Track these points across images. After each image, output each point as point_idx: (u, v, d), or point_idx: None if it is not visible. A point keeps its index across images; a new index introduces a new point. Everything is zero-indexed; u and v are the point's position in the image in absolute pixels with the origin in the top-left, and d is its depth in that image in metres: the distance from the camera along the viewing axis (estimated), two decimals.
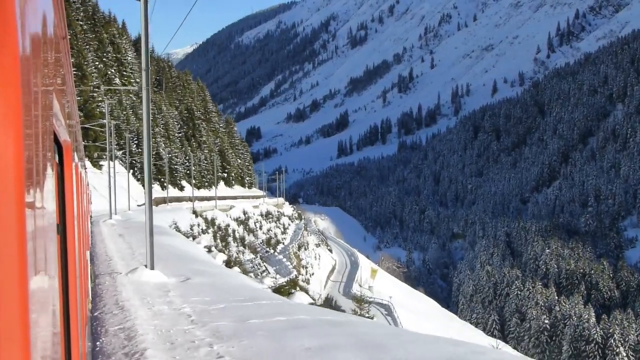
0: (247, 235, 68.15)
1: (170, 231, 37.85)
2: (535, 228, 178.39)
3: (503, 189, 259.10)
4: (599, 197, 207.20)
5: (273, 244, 77.38)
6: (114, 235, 31.30)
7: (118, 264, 20.29)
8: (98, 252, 23.53)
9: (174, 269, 18.85)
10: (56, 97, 2.79)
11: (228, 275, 20.37)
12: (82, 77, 63.18)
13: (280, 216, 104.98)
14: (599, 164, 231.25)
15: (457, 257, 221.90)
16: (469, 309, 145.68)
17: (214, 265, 23.78)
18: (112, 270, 18.60)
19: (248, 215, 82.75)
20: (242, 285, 17.70)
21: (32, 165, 1.57)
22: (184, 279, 16.96)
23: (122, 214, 46.71)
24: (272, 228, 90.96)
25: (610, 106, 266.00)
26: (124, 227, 36.20)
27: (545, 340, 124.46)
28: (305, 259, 79.42)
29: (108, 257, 22.07)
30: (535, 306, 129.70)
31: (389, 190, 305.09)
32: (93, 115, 62.72)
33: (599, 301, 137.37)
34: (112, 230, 34.43)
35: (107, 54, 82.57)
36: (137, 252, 23.25)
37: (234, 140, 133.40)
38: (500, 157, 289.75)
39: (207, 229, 54.62)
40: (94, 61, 72.59)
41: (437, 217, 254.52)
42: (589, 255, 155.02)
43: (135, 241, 26.95)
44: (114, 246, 25.50)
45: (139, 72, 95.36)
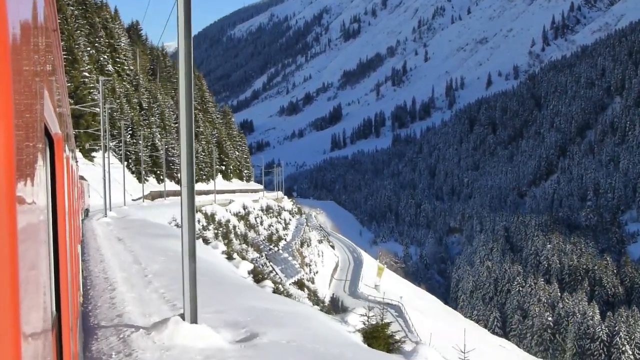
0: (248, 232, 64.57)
1: (178, 232, 31.99)
2: (534, 222, 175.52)
3: (500, 183, 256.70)
4: (598, 191, 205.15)
5: (275, 241, 73.93)
6: (112, 239, 25.99)
7: (126, 299, 12.81)
8: (92, 270, 16.75)
9: (218, 306, 12.02)
10: (47, 89, 2.79)
11: (307, 317, 13.24)
12: (72, 61, 59.22)
13: (280, 211, 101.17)
14: (598, 157, 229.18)
15: (454, 252, 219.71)
16: (470, 306, 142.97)
17: (270, 297, 16.07)
18: (121, 321, 11.00)
19: (248, 210, 79.01)
20: (337, 343, 11.16)
21: (22, 157, 1.57)
22: (245, 334, 10.12)
23: (118, 210, 42.19)
24: (273, 223, 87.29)
25: (608, 99, 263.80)
26: (121, 227, 31.38)
27: (549, 338, 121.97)
28: (309, 257, 76.04)
29: (109, 282, 14.79)
30: (537, 303, 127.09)
31: (384, 183, 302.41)
32: (84, 102, 58.86)
33: (603, 298, 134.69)
34: (109, 232, 29.11)
35: (100, 39, 78.52)
36: (148, 269, 16.51)
37: (231, 131, 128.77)
38: (496, 150, 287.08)
39: (208, 225, 51.05)
40: (86, 46, 68.60)
41: (433, 211, 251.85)
42: (591, 251, 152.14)
43: (140, 249, 21.46)
44: (114, 259, 19.14)
45: (133, 59, 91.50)
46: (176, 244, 18.07)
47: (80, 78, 59.85)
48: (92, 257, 19.68)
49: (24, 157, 1.62)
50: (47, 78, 2.93)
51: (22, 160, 1.57)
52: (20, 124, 1.55)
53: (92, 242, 24.57)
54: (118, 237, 26.35)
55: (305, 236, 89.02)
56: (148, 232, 27.99)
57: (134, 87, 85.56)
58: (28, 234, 1.65)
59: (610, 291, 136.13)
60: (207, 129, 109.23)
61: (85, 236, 26.40)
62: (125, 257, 19.72)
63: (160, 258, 18.42)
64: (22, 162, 1.57)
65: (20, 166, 1.52)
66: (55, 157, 3.64)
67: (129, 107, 74.91)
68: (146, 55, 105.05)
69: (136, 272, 16.45)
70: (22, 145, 1.59)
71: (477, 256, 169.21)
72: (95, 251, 21.35)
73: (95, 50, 72.71)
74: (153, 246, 22.06)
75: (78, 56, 61.42)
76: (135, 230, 29.11)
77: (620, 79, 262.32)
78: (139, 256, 19.50)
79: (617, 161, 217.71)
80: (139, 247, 22.01)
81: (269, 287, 19.26)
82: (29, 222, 1.68)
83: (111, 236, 26.76)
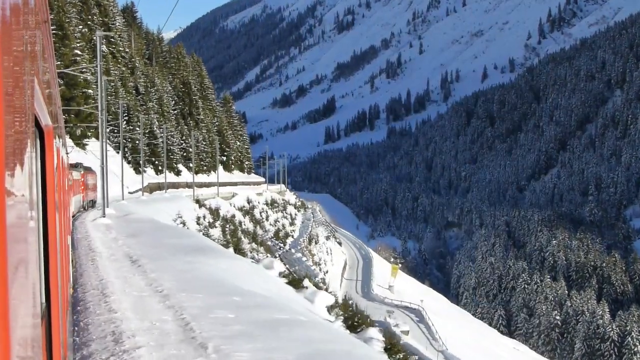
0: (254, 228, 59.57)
1: (206, 241, 24.08)
2: (537, 217, 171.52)
3: (498, 177, 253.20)
4: (600, 186, 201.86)
5: (282, 237, 69.05)
6: (121, 259, 16.29)
7: None
8: None
9: None
10: (37, 80, 2.80)
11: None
12: (63, 37, 53.72)
13: (286, 205, 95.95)
14: (599, 151, 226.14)
15: (453, 247, 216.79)
16: (473, 303, 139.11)
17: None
18: None
19: (253, 204, 74.16)
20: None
21: (12, 149, 1.57)
22: None
23: (116, 206, 36.23)
24: (279, 219, 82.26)
25: (608, 92, 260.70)
26: (128, 234, 22.72)
27: (557, 338, 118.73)
28: (318, 254, 71.20)
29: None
30: (544, 301, 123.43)
31: (379, 177, 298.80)
32: (76, 83, 53.67)
33: (612, 296, 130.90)
34: (112, 243, 19.96)
35: (93, 16, 73.04)
36: (218, 353, 7.54)
37: (232, 120, 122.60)
38: (494, 143, 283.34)
39: (214, 221, 46.16)
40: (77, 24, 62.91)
41: (430, 205, 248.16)
42: (598, 247, 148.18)
43: (171, 280, 12.65)
44: (146, 336, 8.54)
45: (128, 40, 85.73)
46: (225, 264, 12.01)
47: (72, 56, 54.46)
48: (96, 327, 9.36)
49: (14, 148, 1.62)
50: (38, 69, 2.93)
51: (12, 151, 1.57)
52: (10, 116, 1.55)
53: (89, 270, 14.56)
54: (129, 255, 16.90)
55: (312, 232, 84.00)
56: (170, 244, 19.33)
57: (130, 70, 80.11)
58: (17, 225, 1.64)
59: (619, 289, 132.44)
60: (207, 117, 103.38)
61: (77, 252, 17.84)
62: (165, 326, 9.04)
63: (237, 327, 8.87)
64: (12, 154, 1.56)
65: (10, 157, 1.51)
66: (45, 149, 3.63)
67: (124, 90, 69.38)
68: (141, 39, 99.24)
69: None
70: (12, 137, 1.58)
71: (479, 252, 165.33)
72: (99, 301, 11.02)
73: (88, 28, 67.17)
74: (197, 280, 12.86)
75: (69, 31, 55.93)
76: (150, 240, 20.60)
77: (621, 72, 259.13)
78: (177, 303, 10.44)
79: (618, 155, 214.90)
80: (175, 283, 12.27)
81: (376, 341, 13.57)
82: (18, 214, 1.67)
83: (119, 254, 17.40)
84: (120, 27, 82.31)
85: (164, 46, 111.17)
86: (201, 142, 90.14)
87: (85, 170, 35.05)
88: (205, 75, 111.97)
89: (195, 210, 46.25)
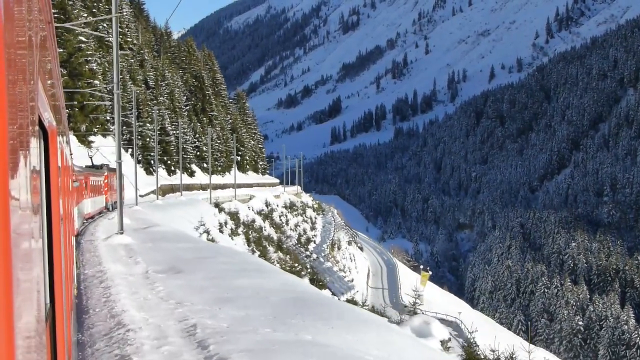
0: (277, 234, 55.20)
1: (288, 277, 16.57)
2: (554, 219, 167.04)
3: (510, 177, 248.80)
4: (616, 186, 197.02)
5: (304, 243, 64.63)
6: (176, 339, 8.49)
7: None
8: None
9: None
10: (41, 81, 2.79)
11: None
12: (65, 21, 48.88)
13: (305, 208, 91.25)
14: (613, 151, 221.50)
15: (465, 249, 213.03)
16: (491, 307, 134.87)
17: None
18: None
19: (271, 208, 69.79)
20: None
21: (16, 149, 1.57)
22: None
23: (130, 214, 31.38)
24: (299, 223, 77.68)
25: (621, 91, 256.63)
26: (164, 263, 15.70)
27: (579, 344, 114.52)
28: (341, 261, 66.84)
29: None
30: (565, 306, 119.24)
31: (388, 177, 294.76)
32: (80, 73, 49.19)
33: (635, 300, 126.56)
34: (144, 287, 12.73)
35: (99, 3, 68.67)
36: None
37: (246, 117, 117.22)
38: (505, 143, 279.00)
39: (236, 228, 41.85)
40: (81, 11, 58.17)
41: (441, 206, 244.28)
42: (619, 250, 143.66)
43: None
44: None
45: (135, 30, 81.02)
46: (358, 337, 6.67)
47: (76, 43, 49.95)
48: None
49: (18, 149, 1.61)
50: (42, 69, 2.91)
51: (16, 152, 1.57)
52: (14, 116, 1.54)
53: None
54: (192, 331, 8.79)
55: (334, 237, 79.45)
56: (241, 287, 12.51)
57: (139, 62, 75.60)
58: (22, 226, 1.63)
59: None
60: (221, 114, 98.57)
61: (91, 320, 10.27)
62: None
63: None
64: (16, 154, 1.56)
65: (14, 158, 1.51)
66: (49, 149, 3.70)
67: (132, 84, 64.78)
68: (149, 33, 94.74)
69: None
70: (16, 137, 1.58)
71: (494, 254, 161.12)
72: None
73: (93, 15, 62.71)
74: None
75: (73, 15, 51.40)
76: (206, 279, 13.29)
77: (634, 71, 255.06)
78: None
79: (634, 155, 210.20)
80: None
81: None
82: (22, 214, 1.67)
83: (170, 329, 9.10)
84: (128, 17, 77.97)
85: (172, 41, 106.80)
86: (215, 141, 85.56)
87: (109, 171, 34.64)
88: (217, 70, 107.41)
89: (216, 215, 41.97)
